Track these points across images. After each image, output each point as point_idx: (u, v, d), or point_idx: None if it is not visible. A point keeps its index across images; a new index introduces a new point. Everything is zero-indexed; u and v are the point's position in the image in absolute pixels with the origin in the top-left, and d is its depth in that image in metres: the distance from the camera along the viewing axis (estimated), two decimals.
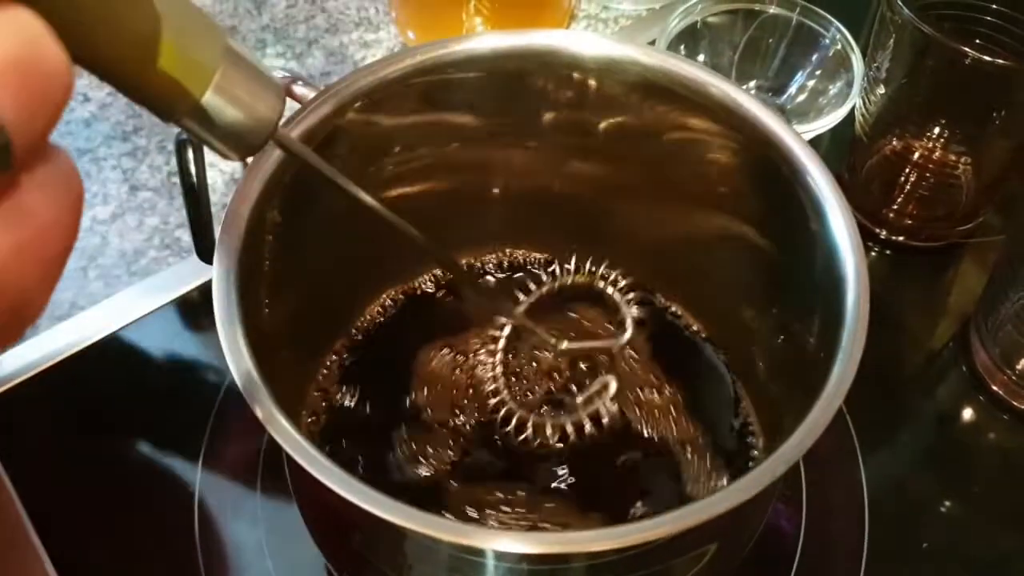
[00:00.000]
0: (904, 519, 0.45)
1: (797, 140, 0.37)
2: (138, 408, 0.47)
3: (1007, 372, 0.48)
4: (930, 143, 0.52)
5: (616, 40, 0.39)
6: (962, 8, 0.49)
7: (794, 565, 0.42)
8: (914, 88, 0.50)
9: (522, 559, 0.29)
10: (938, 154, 0.52)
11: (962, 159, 0.51)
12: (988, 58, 0.45)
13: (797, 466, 0.39)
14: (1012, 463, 0.48)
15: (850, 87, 0.54)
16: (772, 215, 0.39)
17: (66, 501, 0.44)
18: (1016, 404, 0.48)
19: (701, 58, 0.58)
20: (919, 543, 0.44)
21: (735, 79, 0.57)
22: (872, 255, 0.55)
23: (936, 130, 0.51)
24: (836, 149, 0.56)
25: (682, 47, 0.57)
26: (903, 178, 0.53)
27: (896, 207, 0.54)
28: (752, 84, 0.59)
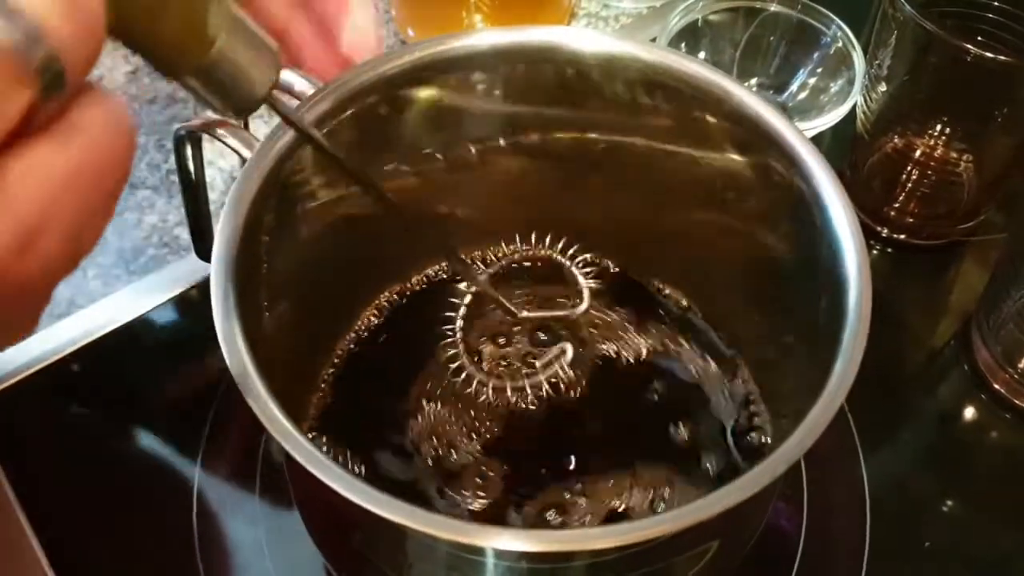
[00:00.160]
0: (906, 518, 0.44)
1: (799, 137, 0.37)
2: (136, 407, 0.47)
3: (1009, 370, 0.48)
4: (932, 141, 0.51)
5: (616, 37, 0.39)
6: (964, 5, 0.49)
7: (795, 564, 0.42)
8: (916, 85, 0.50)
9: (521, 557, 0.29)
10: (940, 152, 0.52)
11: (964, 157, 0.51)
12: (990, 55, 0.44)
13: (798, 465, 0.39)
14: (1014, 462, 0.48)
15: (851, 85, 0.54)
16: (773, 213, 0.39)
17: (64, 500, 0.44)
18: (1018, 403, 0.48)
19: (702, 56, 0.58)
20: (921, 542, 0.44)
21: (736, 77, 0.56)
22: (873, 253, 0.55)
23: (938, 128, 0.51)
24: (837, 147, 0.56)
25: (683, 45, 0.57)
26: (905, 176, 0.53)
27: (898, 205, 0.54)
28: (753, 82, 0.59)
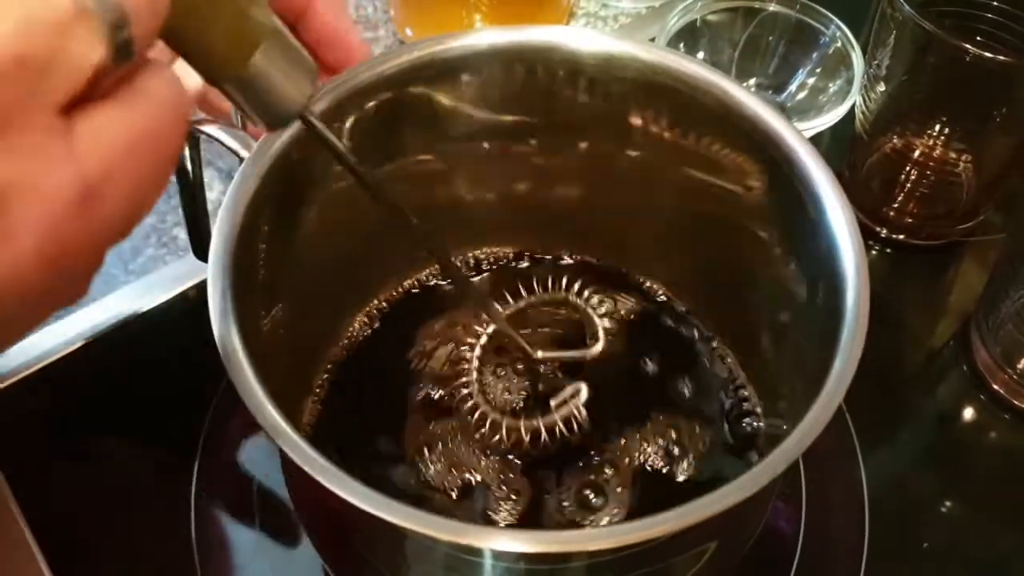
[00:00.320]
0: (904, 518, 0.44)
1: (797, 138, 0.37)
2: (135, 407, 0.47)
3: (1008, 371, 0.48)
4: (931, 141, 0.51)
5: (615, 37, 0.39)
6: (963, 5, 0.49)
7: (794, 564, 0.42)
8: (915, 85, 0.50)
9: (520, 558, 0.29)
10: (939, 152, 0.51)
11: (963, 157, 0.51)
12: (989, 55, 0.44)
13: (797, 464, 0.39)
14: (1013, 462, 0.48)
15: (850, 85, 0.54)
16: (772, 213, 0.39)
17: (62, 500, 0.44)
18: (1017, 403, 0.48)
19: (701, 56, 0.58)
20: (919, 542, 0.44)
21: (735, 77, 0.56)
22: (872, 253, 0.55)
23: (937, 128, 0.51)
24: (836, 147, 0.56)
25: (681, 45, 0.57)
26: (903, 176, 0.53)
27: (896, 205, 0.54)
28: (752, 82, 0.59)
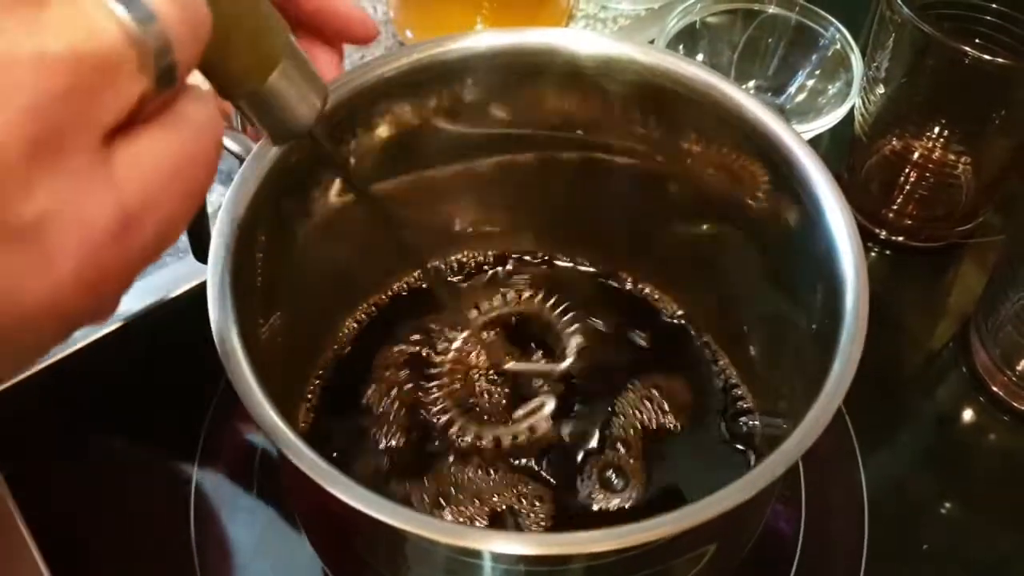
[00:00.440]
0: (904, 520, 0.44)
1: (797, 140, 0.37)
2: (134, 407, 0.47)
3: (1007, 373, 0.48)
4: (930, 143, 0.51)
5: (614, 39, 0.39)
6: (962, 7, 0.49)
7: (793, 566, 0.42)
8: (914, 88, 0.50)
9: (519, 560, 0.29)
10: (938, 154, 0.52)
11: (962, 159, 0.51)
12: (988, 57, 0.44)
13: (796, 467, 0.39)
14: (1012, 464, 0.48)
15: (849, 87, 0.54)
16: (771, 215, 0.39)
17: (62, 500, 0.44)
18: (1016, 405, 0.48)
19: (700, 58, 0.58)
20: (919, 544, 0.44)
21: (734, 79, 0.57)
22: (872, 255, 0.55)
23: (936, 130, 0.51)
24: (835, 149, 0.56)
25: (681, 47, 0.57)
26: (903, 178, 0.53)
27: (896, 207, 0.54)
28: (751, 84, 0.59)
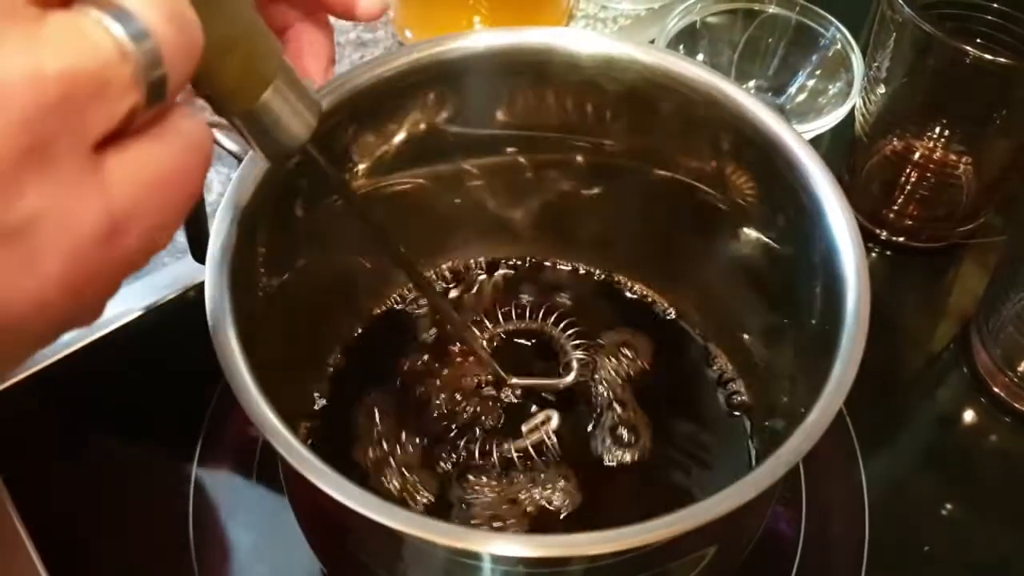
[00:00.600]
0: (905, 522, 0.44)
1: (798, 140, 0.37)
2: (133, 408, 0.47)
3: (1008, 374, 0.48)
4: (931, 143, 0.51)
5: (615, 38, 0.39)
6: (963, 7, 0.49)
7: (794, 568, 0.42)
8: (915, 88, 0.50)
9: (519, 562, 0.29)
10: (939, 154, 0.51)
11: (963, 159, 0.51)
12: (989, 57, 0.44)
13: (797, 468, 0.39)
14: (1013, 465, 0.47)
15: (850, 87, 0.54)
16: (772, 215, 0.39)
17: (61, 501, 0.43)
18: (1017, 406, 0.48)
19: (700, 58, 0.58)
20: (920, 546, 0.44)
21: (734, 79, 0.56)
22: (872, 256, 0.55)
23: (937, 130, 0.51)
24: (836, 149, 0.56)
25: (681, 47, 0.57)
26: (903, 178, 0.53)
27: (896, 207, 0.54)
28: (752, 84, 0.59)
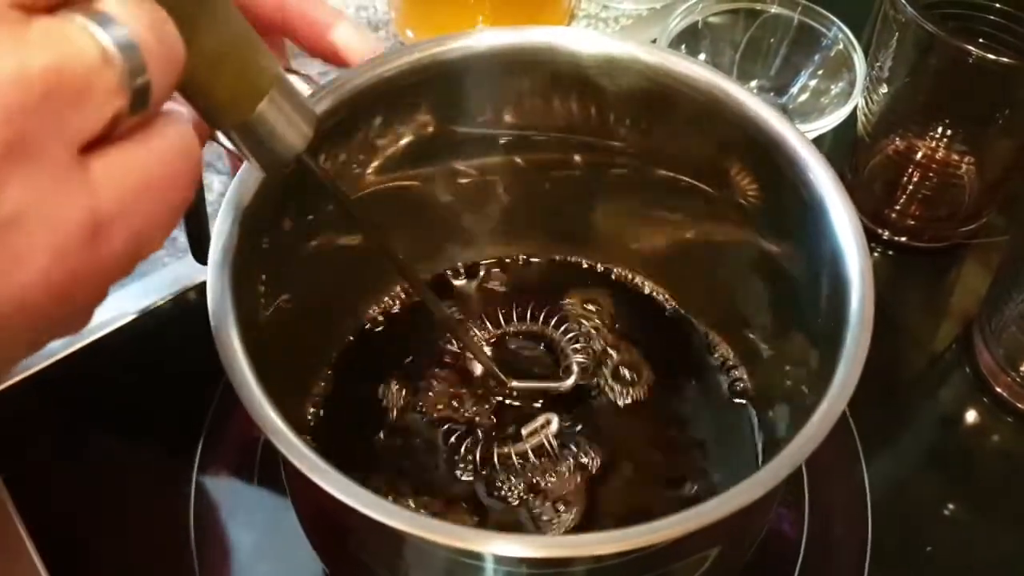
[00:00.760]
0: (908, 522, 0.44)
1: (800, 140, 0.36)
2: (134, 408, 0.47)
3: (1011, 374, 0.48)
4: (933, 143, 0.51)
5: (616, 38, 0.39)
6: (965, 7, 0.49)
7: (796, 569, 0.42)
8: (917, 87, 0.50)
9: (521, 563, 0.29)
10: (941, 154, 0.51)
11: (965, 159, 0.51)
12: (991, 57, 0.44)
13: (800, 469, 0.38)
14: (1016, 465, 0.47)
15: (852, 87, 0.54)
16: (774, 215, 0.39)
17: (61, 501, 0.43)
18: (1020, 406, 0.48)
19: (702, 57, 0.58)
20: (923, 546, 0.44)
21: (736, 79, 0.56)
22: (875, 256, 0.55)
23: (939, 130, 0.51)
24: (838, 149, 0.56)
25: (683, 46, 0.57)
26: (906, 178, 0.53)
27: (899, 207, 0.54)
28: (754, 84, 0.59)
